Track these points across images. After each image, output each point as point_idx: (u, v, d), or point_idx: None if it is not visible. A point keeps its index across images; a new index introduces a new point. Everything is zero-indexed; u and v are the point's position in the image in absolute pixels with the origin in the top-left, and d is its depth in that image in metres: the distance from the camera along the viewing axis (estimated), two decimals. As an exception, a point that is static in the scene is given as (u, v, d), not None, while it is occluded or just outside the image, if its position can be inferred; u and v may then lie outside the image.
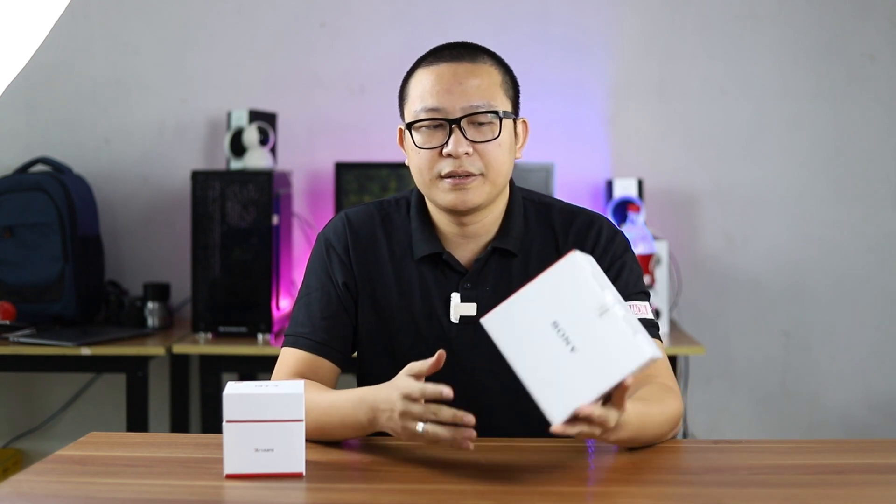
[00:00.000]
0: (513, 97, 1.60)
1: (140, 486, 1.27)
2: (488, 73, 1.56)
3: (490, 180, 1.55)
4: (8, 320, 2.89)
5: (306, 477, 1.29)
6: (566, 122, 3.30)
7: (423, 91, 1.55)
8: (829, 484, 1.30)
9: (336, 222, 1.67)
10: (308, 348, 1.60)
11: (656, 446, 1.45)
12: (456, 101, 1.52)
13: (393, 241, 1.64)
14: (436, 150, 1.54)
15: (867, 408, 3.34)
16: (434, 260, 1.61)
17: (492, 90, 1.55)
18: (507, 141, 1.56)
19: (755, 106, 3.32)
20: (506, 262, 1.61)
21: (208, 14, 3.34)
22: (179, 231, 3.25)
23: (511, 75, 1.62)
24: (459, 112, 1.53)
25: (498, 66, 1.59)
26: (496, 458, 1.37)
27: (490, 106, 1.53)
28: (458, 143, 1.52)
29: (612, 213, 3.12)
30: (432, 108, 1.53)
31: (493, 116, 1.54)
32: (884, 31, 3.30)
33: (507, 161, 1.57)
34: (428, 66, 1.57)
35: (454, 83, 1.53)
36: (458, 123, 1.52)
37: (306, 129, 3.32)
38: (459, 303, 1.58)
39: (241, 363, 2.95)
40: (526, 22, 3.31)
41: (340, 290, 1.61)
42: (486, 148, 1.53)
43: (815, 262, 3.32)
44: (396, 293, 1.61)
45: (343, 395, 1.45)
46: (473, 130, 1.53)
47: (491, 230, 1.62)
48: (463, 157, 1.52)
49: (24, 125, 3.35)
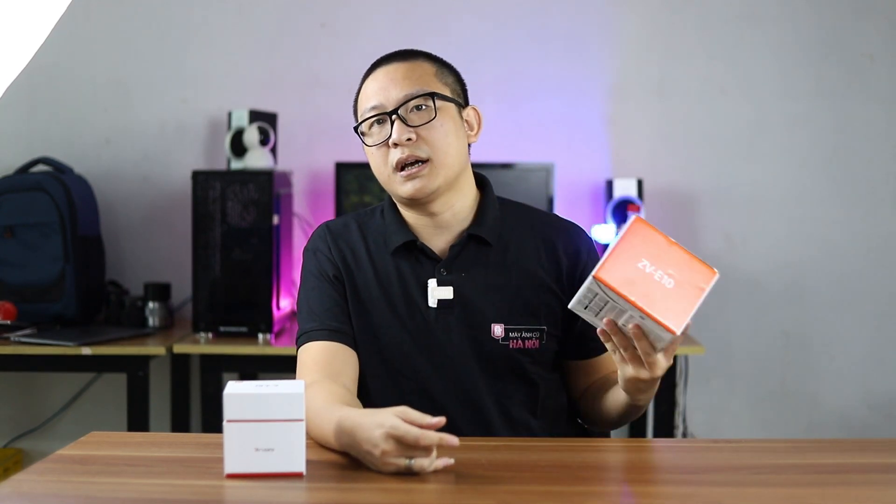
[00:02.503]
0: (452, 85, 1.66)
1: (141, 485, 1.27)
2: (420, 66, 1.63)
3: (438, 163, 1.60)
4: (9, 320, 2.90)
5: (306, 477, 1.30)
6: (566, 122, 3.30)
7: (364, 97, 1.65)
8: (828, 484, 1.30)
9: (317, 231, 1.75)
10: (321, 338, 1.62)
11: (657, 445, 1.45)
12: (392, 94, 1.60)
13: (369, 241, 1.69)
14: (384, 144, 1.61)
15: (866, 408, 3.34)
16: (409, 249, 1.66)
17: (424, 79, 1.62)
18: (450, 123, 1.62)
19: (755, 106, 3.32)
20: (482, 250, 1.66)
21: (208, 14, 3.34)
22: (180, 231, 3.25)
23: (449, 68, 1.68)
24: (395, 103, 1.60)
25: (432, 61, 1.66)
26: (496, 458, 1.37)
27: (423, 90, 1.60)
28: (399, 131, 1.58)
29: (612, 213, 3.12)
30: (373, 105, 1.62)
31: (427, 98, 1.60)
32: (883, 31, 3.30)
33: (453, 143, 1.62)
34: (369, 76, 1.67)
35: (388, 81, 1.62)
36: (395, 113, 1.59)
37: (306, 129, 3.32)
38: (436, 286, 1.62)
39: (242, 363, 2.95)
40: (526, 22, 3.32)
41: (333, 282, 1.67)
42: (428, 131, 1.59)
43: (815, 262, 3.33)
44: (376, 285, 1.65)
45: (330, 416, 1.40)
46: (413, 116, 1.60)
47: (463, 220, 1.67)
48: (407, 144, 1.59)
49: (25, 125, 3.35)
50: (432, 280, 1.63)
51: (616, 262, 1.36)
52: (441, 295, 1.62)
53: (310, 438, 1.44)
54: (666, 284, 1.36)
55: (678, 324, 1.34)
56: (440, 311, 1.62)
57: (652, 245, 1.38)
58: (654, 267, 1.36)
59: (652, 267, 1.36)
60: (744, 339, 3.34)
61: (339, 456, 1.39)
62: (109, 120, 3.34)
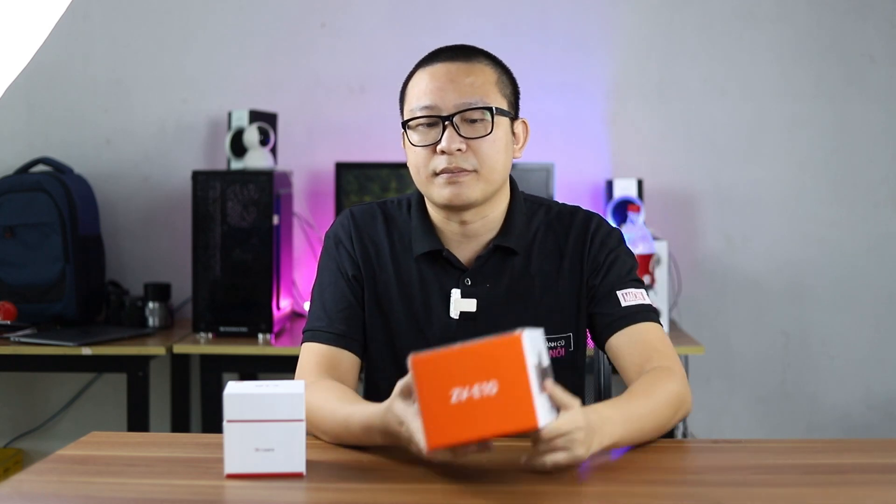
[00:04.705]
0: (510, 96, 1.61)
1: (141, 485, 1.27)
2: (482, 72, 1.57)
3: (483, 177, 1.56)
4: (9, 320, 2.90)
5: (306, 477, 1.30)
6: (566, 122, 3.30)
7: (419, 91, 1.57)
8: (828, 484, 1.30)
9: (342, 218, 1.69)
10: (327, 341, 1.60)
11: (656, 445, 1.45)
12: (449, 99, 1.54)
13: (394, 239, 1.65)
14: (430, 147, 1.55)
15: (866, 407, 3.34)
16: (434, 257, 1.62)
17: (485, 87, 1.56)
18: (502, 138, 1.57)
19: (755, 106, 3.32)
20: (507, 260, 1.62)
21: (208, 14, 3.34)
22: (180, 231, 3.25)
23: (509, 75, 1.63)
24: (452, 109, 1.54)
25: (494, 65, 1.60)
26: (496, 458, 1.37)
27: (483, 102, 1.55)
28: (450, 139, 1.53)
29: (612, 214, 3.12)
30: (426, 105, 1.55)
31: (485, 112, 1.55)
32: (883, 31, 3.30)
33: (501, 158, 1.57)
34: (424, 67, 1.59)
35: (447, 81, 1.55)
36: (450, 120, 1.54)
37: (306, 129, 3.32)
38: (460, 298, 1.59)
39: (242, 363, 2.95)
40: (526, 22, 3.32)
41: (351, 282, 1.63)
42: (479, 144, 1.54)
43: (815, 262, 3.33)
44: (396, 288, 1.62)
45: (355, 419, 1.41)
46: (466, 127, 1.55)
47: (492, 229, 1.63)
48: (456, 154, 1.54)
49: (25, 125, 3.35)
50: (455, 290, 1.60)
51: (433, 419, 1.20)
52: (464, 307, 1.59)
53: (312, 437, 1.44)
54: (489, 392, 1.19)
55: (530, 418, 1.18)
56: (462, 323, 1.59)
57: (444, 370, 1.20)
58: (465, 388, 1.19)
59: (464, 390, 1.19)
60: (744, 339, 3.34)
61: (340, 456, 1.39)
62: (109, 120, 3.34)
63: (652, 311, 1.61)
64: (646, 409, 1.43)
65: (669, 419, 1.47)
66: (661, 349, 1.56)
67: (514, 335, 1.20)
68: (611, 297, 1.60)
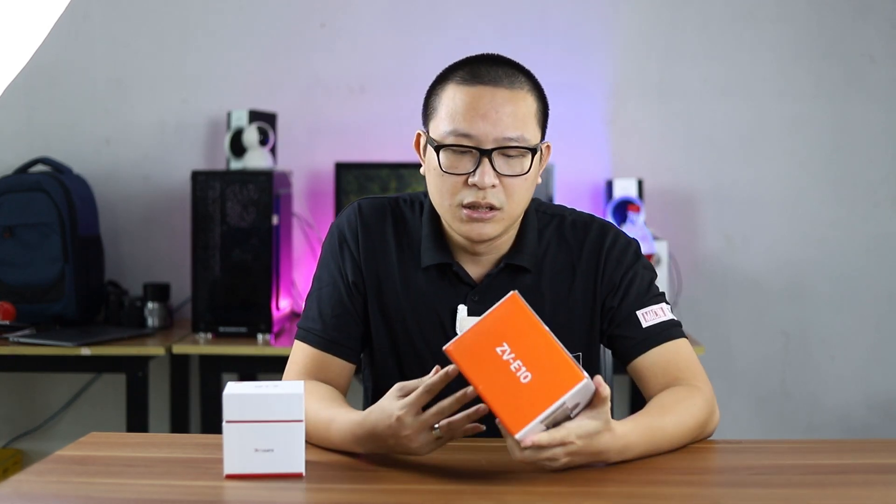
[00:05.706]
0: (543, 124, 1.55)
1: (140, 486, 1.27)
2: (524, 101, 1.50)
3: (508, 214, 1.50)
4: (8, 320, 2.89)
5: (306, 477, 1.29)
6: (566, 122, 3.29)
7: (455, 111, 1.48)
8: (828, 484, 1.30)
9: (349, 213, 1.62)
10: (318, 345, 1.57)
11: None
12: (490, 131, 1.46)
13: (402, 244, 1.60)
14: (461, 177, 1.48)
15: (866, 408, 3.34)
16: (443, 269, 1.58)
17: (526, 121, 1.49)
18: (534, 174, 1.52)
19: (755, 106, 3.32)
20: (517, 278, 1.58)
21: (208, 14, 3.34)
22: (179, 231, 3.25)
23: (544, 100, 1.56)
24: (492, 143, 1.46)
25: (535, 92, 1.53)
26: (496, 458, 1.37)
27: (523, 140, 1.48)
28: (485, 174, 1.46)
29: (612, 214, 3.12)
30: (464, 133, 1.47)
31: (526, 152, 1.49)
32: (883, 31, 3.30)
33: (529, 194, 1.54)
34: (463, 85, 1.49)
35: (490, 110, 1.46)
36: (489, 155, 1.46)
37: (306, 129, 3.32)
38: (465, 316, 1.56)
39: (241, 363, 2.95)
40: (526, 22, 3.31)
41: (351, 288, 1.59)
42: (513, 183, 1.48)
43: (815, 262, 3.33)
44: (402, 297, 1.58)
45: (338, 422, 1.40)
46: (502, 162, 1.48)
47: (504, 247, 1.58)
48: (488, 189, 1.47)
49: (25, 125, 3.35)
50: (462, 307, 1.56)
51: (474, 338, 1.24)
52: (469, 325, 1.57)
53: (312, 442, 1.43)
54: (521, 378, 1.21)
55: (518, 425, 1.20)
56: None
57: (521, 329, 1.23)
58: (513, 354, 1.22)
59: (511, 354, 1.22)
60: (744, 339, 3.34)
61: (339, 456, 1.39)
62: (109, 120, 3.34)
63: (674, 327, 1.56)
64: (670, 429, 1.41)
65: (688, 439, 1.45)
66: (686, 368, 1.53)
67: (580, 375, 1.23)
68: (631, 320, 1.56)
